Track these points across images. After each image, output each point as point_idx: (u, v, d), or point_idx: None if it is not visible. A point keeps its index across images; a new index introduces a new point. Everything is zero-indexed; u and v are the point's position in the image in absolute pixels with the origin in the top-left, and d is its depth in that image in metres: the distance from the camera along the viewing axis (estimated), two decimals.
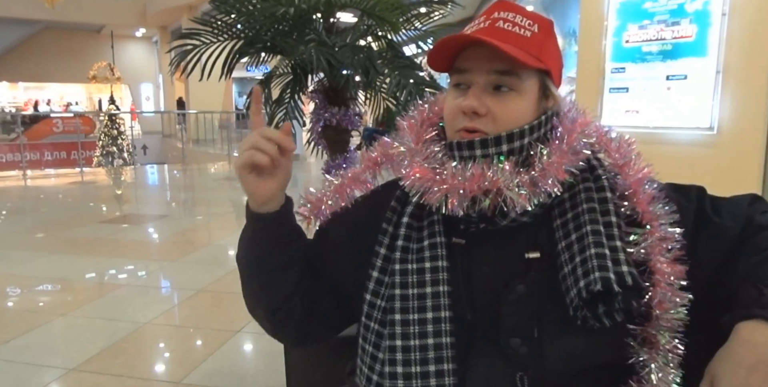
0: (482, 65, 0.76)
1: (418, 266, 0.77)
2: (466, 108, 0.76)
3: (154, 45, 21.47)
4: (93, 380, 2.19)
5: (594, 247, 0.71)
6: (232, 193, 7.56)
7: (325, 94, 1.89)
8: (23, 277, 3.56)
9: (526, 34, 0.76)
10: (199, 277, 3.50)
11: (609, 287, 0.68)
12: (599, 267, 0.69)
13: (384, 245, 0.81)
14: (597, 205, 0.76)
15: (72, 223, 5.37)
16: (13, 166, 10.05)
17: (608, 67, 4.29)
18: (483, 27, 0.77)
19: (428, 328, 0.74)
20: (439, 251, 0.78)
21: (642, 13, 4.08)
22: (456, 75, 0.79)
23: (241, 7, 1.75)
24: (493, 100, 0.76)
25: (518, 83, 0.76)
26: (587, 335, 0.73)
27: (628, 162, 0.81)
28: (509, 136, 0.75)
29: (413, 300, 0.76)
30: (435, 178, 0.76)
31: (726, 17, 3.69)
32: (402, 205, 0.83)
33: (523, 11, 0.78)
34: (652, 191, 0.78)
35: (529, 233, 0.78)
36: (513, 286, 0.76)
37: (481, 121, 0.76)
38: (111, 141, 11.65)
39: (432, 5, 1.93)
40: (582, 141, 0.77)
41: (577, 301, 0.70)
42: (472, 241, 0.79)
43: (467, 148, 0.76)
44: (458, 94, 0.79)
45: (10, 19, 17.24)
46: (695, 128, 3.89)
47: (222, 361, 2.36)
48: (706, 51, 3.81)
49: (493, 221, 0.76)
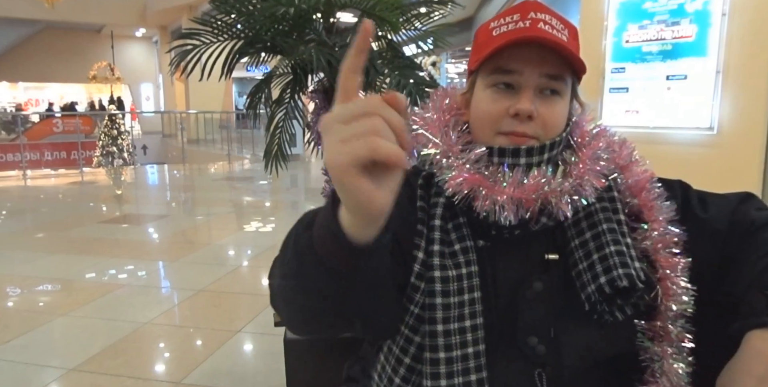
0: (533, 67, 0.74)
1: (457, 273, 0.74)
2: (522, 111, 0.73)
3: (154, 45, 21.47)
4: (93, 380, 2.19)
5: (613, 245, 0.73)
6: (232, 193, 7.56)
7: (325, 94, 1.88)
8: (23, 277, 3.56)
9: (563, 38, 0.76)
10: (199, 277, 3.50)
11: (633, 283, 0.70)
12: (621, 264, 0.71)
13: (421, 249, 0.76)
14: (608, 204, 0.78)
15: (72, 223, 5.37)
16: (13, 166, 10.05)
17: (608, 67, 4.29)
18: (525, 27, 0.74)
19: (468, 337, 0.73)
20: (471, 256, 0.76)
21: (642, 13, 4.08)
22: (498, 74, 0.76)
23: (241, 7, 1.74)
24: (543, 105, 0.75)
25: (563, 88, 0.76)
26: (600, 329, 0.75)
27: (633, 162, 0.82)
28: (551, 144, 0.75)
29: (454, 308, 0.73)
30: (487, 184, 0.73)
31: (726, 17, 3.69)
32: (428, 205, 0.79)
33: (556, 14, 0.78)
34: (657, 190, 0.80)
35: (548, 236, 0.79)
36: (530, 282, 0.77)
37: (531, 125, 0.74)
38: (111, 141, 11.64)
39: (432, 5, 1.93)
40: (602, 145, 0.79)
41: (597, 297, 0.72)
42: (495, 244, 0.78)
43: (512, 155, 0.74)
44: (499, 95, 0.76)
45: (10, 19, 17.23)
46: (695, 128, 3.89)
47: (222, 361, 2.36)
48: (706, 51, 3.81)
49: (526, 227, 0.76)
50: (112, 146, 11.62)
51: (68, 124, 12.56)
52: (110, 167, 11.14)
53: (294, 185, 8.13)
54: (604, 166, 0.77)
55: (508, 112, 0.74)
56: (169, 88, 19.82)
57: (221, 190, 7.84)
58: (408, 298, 0.76)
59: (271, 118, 1.99)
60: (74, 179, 9.01)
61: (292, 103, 1.98)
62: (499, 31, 0.76)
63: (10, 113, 17.53)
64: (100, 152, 11.53)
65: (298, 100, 2.00)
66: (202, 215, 6.05)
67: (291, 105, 1.98)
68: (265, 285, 3.67)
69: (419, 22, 1.94)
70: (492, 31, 0.78)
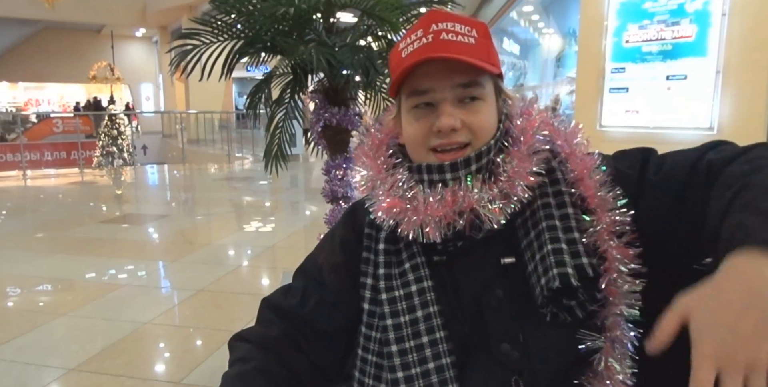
0: (443, 82, 0.75)
1: (405, 292, 0.76)
2: (445, 127, 0.74)
3: (154, 45, 21.48)
4: (93, 380, 2.19)
5: (550, 243, 0.71)
6: (232, 193, 7.56)
7: (325, 94, 1.88)
8: (23, 277, 3.56)
9: (470, 41, 0.75)
10: (199, 277, 3.50)
11: (567, 283, 0.68)
12: (557, 263, 0.69)
13: (369, 275, 0.80)
14: (552, 199, 0.76)
15: (72, 223, 5.37)
16: (13, 166, 10.06)
17: (608, 67, 4.29)
18: (429, 42, 0.75)
19: (426, 353, 0.74)
20: (422, 272, 0.77)
21: (642, 13, 4.08)
22: (415, 97, 0.77)
23: (241, 7, 1.74)
24: (465, 113, 0.75)
25: (482, 91, 0.76)
26: (563, 329, 0.73)
27: (575, 150, 0.79)
28: (477, 155, 0.75)
29: (406, 327, 0.75)
30: (407, 208, 0.75)
31: (726, 17, 3.70)
32: (376, 230, 0.82)
33: (458, 18, 0.77)
34: (599, 177, 0.77)
35: (503, 238, 0.77)
36: (491, 291, 0.76)
37: (459, 134, 0.75)
38: (111, 141, 11.64)
39: (432, 5, 1.93)
40: (539, 137, 0.77)
41: (541, 299, 0.70)
42: (452, 257, 0.79)
43: (437, 171, 0.75)
44: (421, 115, 0.77)
45: (10, 19, 17.24)
46: (695, 128, 3.89)
47: (222, 361, 2.36)
48: (706, 51, 3.81)
49: (469, 237, 0.76)
50: (112, 146, 11.62)
51: (68, 124, 12.57)
52: (110, 167, 11.15)
53: (294, 185, 8.13)
54: (537, 161, 0.75)
55: (432, 129, 0.75)
56: (169, 88, 19.82)
57: (221, 190, 7.84)
58: (367, 325, 0.79)
59: (271, 118, 1.99)
60: (74, 179, 9.02)
61: (292, 103, 1.98)
62: (407, 52, 0.76)
63: (35, 112, 17.37)
64: (100, 152, 11.54)
65: (298, 100, 2.00)
66: (202, 215, 6.05)
67: (291, 105, 1.98)
68: (265, 285, 3.68)
69: None
70: (401, 52, 0.78)
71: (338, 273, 0.85)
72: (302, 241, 4.60)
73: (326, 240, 0.92)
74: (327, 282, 0.86)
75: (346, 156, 1.95)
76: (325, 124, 1.88)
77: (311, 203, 6.37)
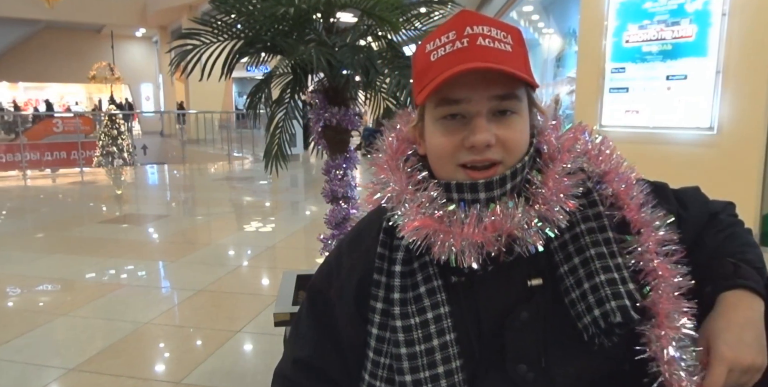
0: (480, 92, 0.68)
1: (421, 319, 0.72)
2: (480, 143, 0.67)
3: (154, 45, 21.49)
4: (93, 380, 2.19)
5: (603, 273, 0.69)
6: (232, 193, 7.56)
7: (325, 94, 1.88)
8: (23, 277, 3.56)
9: (507, 48, 0.69)
10: (199, 277, 3.50)
11: (628, 316, 0.67)
12: (614, 295, 0.68)
13: (380, 299, 0.75)
14: (594, 223, 0.73)
15: (72, 223, 5.38)
16: (13, 166, 10.05)
17: (608, 67, 4.29)
18: (464, 47, 0.68)
19: (442, 384, 0.70)
20: (439, 297, 0.73)
21: (642, 13, 4.08)
22: (445, 106, 0.70)
23: (241, 7, 1.74)
24: (500, 127, 0.69)
25: (518, 105, 0.70)
26: (592, 354, 0.72)
27: (614, 169, 0.77)
28: (513, 173, 0.70)
29: (422, 357, 0.71)
30: (442, 229, 0.69)
31: (726, 17, 3.70)
32: (390, 250, 0.76)
33: (493, 21, 0.71)
34: (640, 196, 0.76)
35: (530, 260, 0.73)
36: (517, 313, 0.73)
37: (492, 151, 0.69)
38: (111, 141, 11.64)
39: (432, 5, 1.92)
40: (575, 158, 0.74)
41: (594, 329, 0.69)
42: (472, 277, 0.74)
43: (470, 190, 0.69)
44: (450, 127, 0.70)
45: (10, 19, 17.24)
46: (695, 128, 3.89)
47: (222, 361, 2.36)
48: (706, 51, 3.81)
49: (501, 262, 0.72)
50: (112, 146, 11.62)
51: (68, 124, 12.57)
52: (110, 167, 11.14)
53: (294, 185, 8.13)
54: (573, 184, 0.71)
55: (463, 144, 0.69)
56: (169, 88, 19.83)
57: (221, 190, 7.84)
58: (375, 351, 0.75)
59: (271, 118, 1.99)
60: (74, 179, 9.02)
61: (292, 103, 1.98)
62: (437, 55, 0.70)
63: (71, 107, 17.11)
64: (100, 152, 11.53)
65: (298, 100, 2.00)
66: (202, 215, 6.05)
67: (291, 105, 1.98)
68: (265, 285, 3.68)
69: (419, 22, 1.94)
70: (429, 55, 0.71)
71: (354, 325, 0.79)
72: (302, 241, 4.60)
73: (332, 266, 0.85)
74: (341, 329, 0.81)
75: (346, 156, 1.95)
76: (325, 124, 1.88)
77: (311, 203, 6.37)
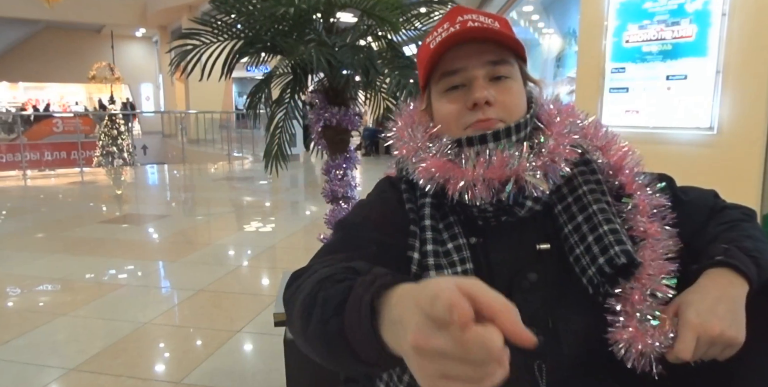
0: (474, 61, 0.77)
1: (453, 271, 0.75)
2: (478, 99, 0.75)
3: (154, 45, 21.47)
4: (93, 380, 2.19)
5: (606, 224, 0.74)
6: (232, 193, 7.56)
7: (325, 94, 1.88)
8: (23, 277, 3.56)
9: (496, 26, 0.79)
10: (199, 277, 3.50)
11: (632, 258, 0.71)
12: (617, 241, 0.73)
13: (416, 249, 0.77)
14: (595, 185, 0.79)
15: (72, 223, 5.37)
16: (13, 166, 10.05)
17: (608, 67, 4.29)
18: (456, 30, 0.77)
19: None
20: (465, 253, 0.77)
21: (642, 13, 4.08)
22: (447, 78, 0.79)
23: (241, 7, 1.74)
24: (497, 90, 0.77)
25: (511, 70, 0.79)
26: (596, 313, 0.75)
27: (609, 142, 0.84)
28: (517, 126, 0.76)
29: None
30: (454, 168, 0.75)
31: (726, 17, 3.69)
32: (417, 207, 0.80)
33: (481, 12, 0.81)
34: (633, 165, 0.82)
35: (538, 225, 0.79)
36: (524, 273, 0.77)
37: (493, 110, 0.77)
38: (111, 141, 11.64)
39: (432, 5, 1.92)
40: (571, 121, 0.80)
41: (599, 279, 0.73)
42: (487, 239, 0.79)
43: (479, 142, 0.76)
44: (454, 96, 0.79)
45: (10, 19, 17.24)
46: (695, 128, 3.89)
47: (222, 361, 2.36)
48: (706, 51, 3.81)
49: (511, 211, 0.77)
50: (112, 146, 11.62)
51: (68, 124, 12.57)
52: (110, 167, 11.14)
53: (294, 185, 8.12)
54: (575, 139, 0.78)
55: (466, 106, 0.77)
56: (169, 88, 19.82)
57: (221, 190, 7.84)
58: None
59: (271, 118, 1.99)
60: (74, 179, 9.01)
61: (292, 103, 1.98)
62: (435, 43, 0.79)
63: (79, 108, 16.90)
64: (100, 152, 11.54)
65: (298, 100, 2.00)
66: (202, 215, 6.05)
67: (291, 105, 1.98)
68: (265, 285, 3.67)
69: (419, 22, 1.94)
70: (429, 45, 0.81)
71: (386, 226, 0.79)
72: (302, 241, 4.60)
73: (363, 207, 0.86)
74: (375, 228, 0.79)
75: (346, 156, 1.95)
76: (325, 124, 1.88)
77: (311, 203, 6.37)
